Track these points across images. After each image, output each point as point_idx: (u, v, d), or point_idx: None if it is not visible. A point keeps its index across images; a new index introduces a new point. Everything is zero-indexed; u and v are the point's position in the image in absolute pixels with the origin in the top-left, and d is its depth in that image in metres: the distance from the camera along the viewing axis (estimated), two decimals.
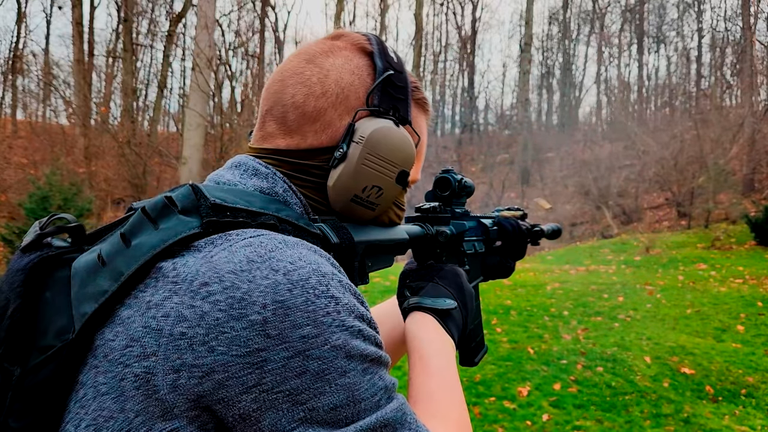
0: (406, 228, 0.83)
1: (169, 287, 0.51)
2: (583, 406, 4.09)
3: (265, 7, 18.73)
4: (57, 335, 0.53)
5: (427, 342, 0.73)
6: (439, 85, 30.88)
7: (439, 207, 0.90)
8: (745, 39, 19.82)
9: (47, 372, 0.51)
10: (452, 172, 0.96)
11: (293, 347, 0.49)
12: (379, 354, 0.55)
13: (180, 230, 0.54)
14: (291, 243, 0.54)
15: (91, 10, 19.26)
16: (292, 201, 0.67)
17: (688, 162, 15.57)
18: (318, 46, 0.72)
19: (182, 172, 11.70)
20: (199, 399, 0.48)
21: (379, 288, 7.78)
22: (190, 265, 0.52)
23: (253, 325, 0.48)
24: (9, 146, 16.31)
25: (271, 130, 0.70)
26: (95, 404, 0.50)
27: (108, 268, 0.53)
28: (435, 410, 0.65)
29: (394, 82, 0.71)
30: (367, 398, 0.52)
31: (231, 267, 0.50)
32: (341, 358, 0.50)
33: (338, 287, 0.53)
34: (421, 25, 25.16)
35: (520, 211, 1.17)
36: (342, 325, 0.51)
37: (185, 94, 16.18)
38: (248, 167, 0.68)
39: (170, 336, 0.49)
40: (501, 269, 1.07)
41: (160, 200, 0.57)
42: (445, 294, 0.80)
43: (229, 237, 0.54)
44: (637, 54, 29.08)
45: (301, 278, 0.51)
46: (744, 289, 7.74)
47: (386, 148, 0.68)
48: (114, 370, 0.50)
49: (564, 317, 6.43)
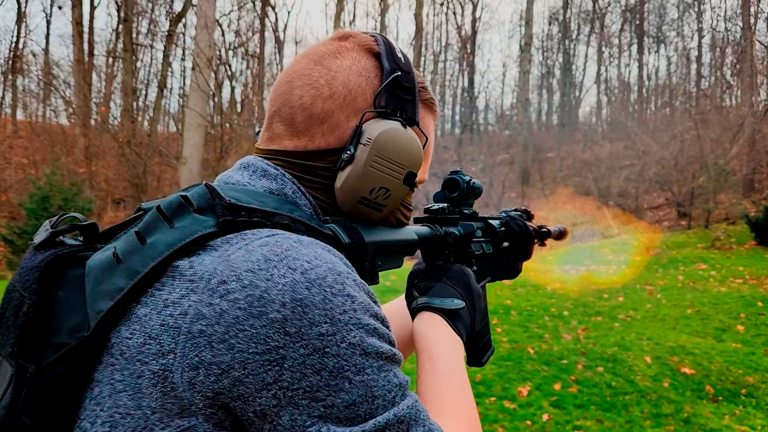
0: (415, 229, 0.84)
1: (186, 285, 0.51)
2: (583, 406, 4.09)
3: (265, 7, 18.73)
4: (71, 333, 0.53)
5: (435, 342, 0.73)
6: (439, 85, 30.85)
7: (447, 208, 0.90)
8: (745, 39, 19.81)
9: (61, 370, 0.52)
10: (461, 174, 0.96)
11: (311, 345, 0.49)
12: (393, 351, 0.55)
13: (196, 229, 0.54)
14: (306, 242, 0.55)
15: (91, 10, 19.28)
16: (302, 202, 0.67)
17: (688, 162, 15.56)
18: (326, 47, 0.72)
19: (182, 172, 11.69)
20: (217, 396, 0.49)
21: (380, 288, 7.78)
22: (207, 263, 0.52)
23: (273, 322, 0.48)
24: (9, 146, 16.31)
25: (279, 132, 0.70)
26: (111, 401, 0.50)
27: (123, 266, 0.53)
28: (445, 408, 0.65)
29: (402, 82, 0.71)
30: (383, 395, 0.52)
31: (248, 266, 0.51)
32: (358, 355, 0.51)
33: (353, 286, 0.54)
34: (421, 25, 25.16)
35: (526, 212, 1.18)
36: (358, 323, 0.52)
37: (185, 94, 16.18)
38: (257, 168, 0.68)
39: (188, 333, 0.49)
40: (508, 270, 1.07)
41: (176, 199, 0.57)
42: (453, 294, 0.80)
43: (245, 236, 0.54)
44: (637, 54, 29.07)
45: (318, 276, 0.51)
46: (744, 289, 7.74)
47: (394, 149, 0.68)
48: (131, 367, 0.50)
49: (564, 317, 6.43)
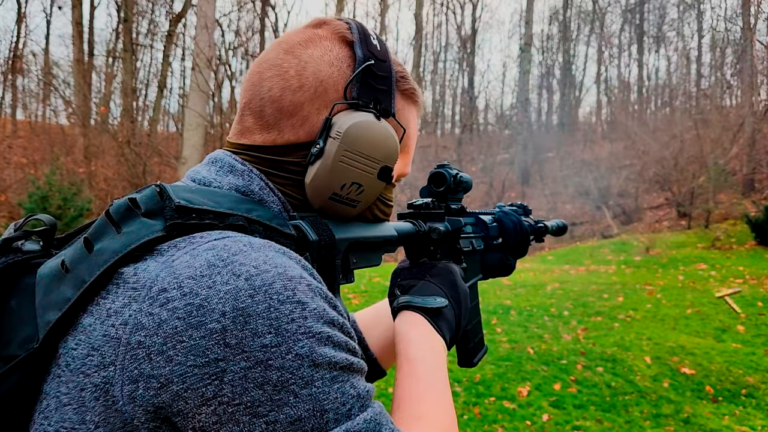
0: (395, 225, 0.80)
1: (129, 294, 0.49)
2: (583, 406, 4.09)
3: (265, 7, 18.70)
4: (21, 344, 0.51)
5: (414, 343, 0.70)
6: (439, 85, 30.87)
7: (432, 203, 0.86)
8: (745, 39, 19.80)
9: (11, 383, 0.50)
10: (447, 167, 0.92)
11: (253, 357, 0.46)
12: (350, 361, 0.52)
13: (143, 234, 0.52)
14: (257, 245, 0.52)
15: (91, 10, 19.26)
16: (269, 199, 0.64)
17: (688, 162, 15.57)
18: (298, 35, 0.68)
19: (182, 172, 11.69)
20: (158, 411, 0.46)
21: (380, 288, 7.78)
22: (150, 270, 0.49)
23: (212, 333, 0.46)
24: (9, 146, 16.30)
25: (249, 125, 0.67)
26: (57, 415, 0.49)
27: (71, 276, 0.52)
28: (419, 414, 0.62)
29: (375, 71, 0.66)
30: (335, 408, 0.49)
31: (191, 272, 0.48)
32: (306, 367, 0.48)
33: (306, 291, 0.50)
34: (421, 25, 25.17)
35: (523, 207, 1.14)
36: (308, 332, 0.48)
37: (185, 94, 16.18)
38: (224, 164, 0.65)
39: (128, 345, 0.47)
40: (501, 267, 1.03)
41: (124, 203, 0.55)
42: (436, 292, 0.76)
43: (193, 240, 0.51)
44: (637, 54, 29.06)
45: (264, 283, 0.48)
46: (744, 289, 7.74)
47: (365, 143, 0.65)
48: (75, 379, 0.48)
49: (564, 317, 6.42)
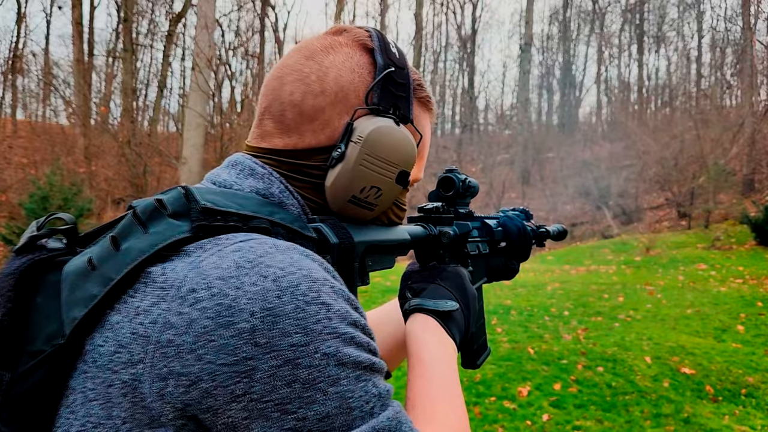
0: (408, 228, 0.81)
1: (157, 293, 0.50)
2: (583, 406, 4.09)
3: (265, 7, 18.70)
4: (47, 340, 0.52)
5: (427, 345, 0.71)
6: (439, 85, 30.84)
7: (442, 207, 0.88)
8: (745, 39, 19.80)
9: (37, 378, 0.51)
10: (456, 172, 0.94)
11: (282, 356, 0.47)
12: (372, 361, 0.53)
13: (170, 234, 0.53)
14: (283, 248, 0.53)
15: (91, 10, 19.24)
16: (289, 202, 0.65)
17: (688, 162, 15.59)
18: (319, 41, 0.69)
19: (182, 172, 11.69)
20: (186, 408, 0.48)
21: (380, 288, 7.79)
22: (178, 270, 0.50)
23: (241, 333, 0.47)
24: (9, 146, 16.30)
25: (269, 129, 0.68)
26: (84, 410, 0.49)
27: (97, 273, 0.53)
28: (432, 415, 0.63)
29: (395, 79, 0.69)
30: (360, 406, 0.50)
31: (219, 273, 0.49)
32: (332, 366, 0.49)
33: (330, 293, 0.51)
34: (421, 24, 25.18)
35: (525, 212, 1.15)
36: (333, 333, 0.50)
37: (185, 94, 16.18)
38: (245, 167, 0.66)
39: (157, 343, 0.48)
40: (505, 271, 1.05)
41: (151, 203, 0.56)
42: (446, 295, 0.78)
43: (219, 241, 0.52)
44: (637, 54, 29.06)
45: (291, 284, 0.49)
46: (744, 289, 7.74)
47: (385, 147, 0.66)
48: (102, 376, 0.49)
49: (564, 317, 6.43)
